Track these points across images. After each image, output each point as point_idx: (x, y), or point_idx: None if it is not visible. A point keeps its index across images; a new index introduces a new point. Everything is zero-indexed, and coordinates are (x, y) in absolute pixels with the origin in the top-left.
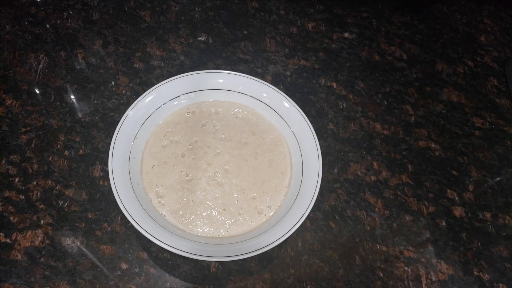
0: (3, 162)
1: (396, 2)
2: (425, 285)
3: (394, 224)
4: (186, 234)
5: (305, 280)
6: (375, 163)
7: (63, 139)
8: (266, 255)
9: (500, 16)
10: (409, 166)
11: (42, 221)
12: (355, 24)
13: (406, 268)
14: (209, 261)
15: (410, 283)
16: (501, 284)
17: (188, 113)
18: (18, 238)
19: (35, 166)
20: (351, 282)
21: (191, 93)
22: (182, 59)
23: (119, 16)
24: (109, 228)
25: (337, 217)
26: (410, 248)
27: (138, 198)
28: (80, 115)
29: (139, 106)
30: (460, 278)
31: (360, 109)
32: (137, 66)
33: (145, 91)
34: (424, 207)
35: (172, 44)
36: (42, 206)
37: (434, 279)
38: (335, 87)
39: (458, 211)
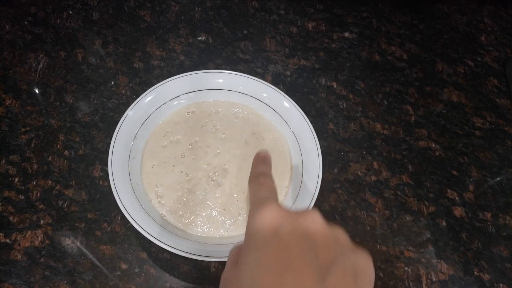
0: (3, 162)
1: (396, 2)
2: (425, 285)
3: (394, 224)
4: (186, 234)
5: None
6: (375, 163)
7: (63, 139)
8: None
9: (500, 16)
10: (409, 166)
11: (42, 221)
12: (355, 24)
13: (406, 268)
14: (209, 261)
15: (410, 283)
16: (501, 284)
17: (188, 113)
18: (18, 238)
19: (35, 166)
20: None
21: (191, 93)
22: (182, 59)
23: (119, 16)
24: (109, 228)
25: (337, 217)
26: (410, 248)
27: (138, 198)
28: (80, 115)
29: (139, 106)
30: (460, 278)
31: (360, 109)
32: (137, 66)
33: (145, 91)
34: (424, 207)
35: (172, 44)
36: (42, 206)
37: (434, 279)
38: (335, 87)
39: (458, 211)
